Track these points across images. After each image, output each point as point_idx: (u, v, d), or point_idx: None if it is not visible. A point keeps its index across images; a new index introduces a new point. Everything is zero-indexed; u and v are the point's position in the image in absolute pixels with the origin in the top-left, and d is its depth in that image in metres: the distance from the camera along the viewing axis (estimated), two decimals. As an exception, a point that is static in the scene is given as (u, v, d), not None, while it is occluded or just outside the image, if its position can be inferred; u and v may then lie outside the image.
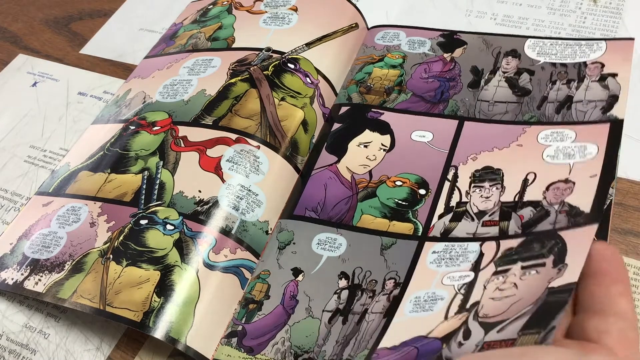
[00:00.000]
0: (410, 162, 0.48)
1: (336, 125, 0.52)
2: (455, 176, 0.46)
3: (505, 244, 0.40)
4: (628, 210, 0.45)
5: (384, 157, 0.49)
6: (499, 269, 0.38)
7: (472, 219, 0.43)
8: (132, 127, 0.52)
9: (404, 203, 0.45)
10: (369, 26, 0.59)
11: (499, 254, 0.39)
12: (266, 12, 0.59)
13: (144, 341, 0.43)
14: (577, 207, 0.40)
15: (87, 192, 0.48)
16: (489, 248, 0.40)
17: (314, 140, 0.51)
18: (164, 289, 0.41)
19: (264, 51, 0.55)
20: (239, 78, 0.53)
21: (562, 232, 0.38)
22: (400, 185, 0.46)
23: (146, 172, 0.48)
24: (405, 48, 0.56)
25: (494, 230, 0.41)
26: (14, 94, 0.62)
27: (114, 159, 0.50)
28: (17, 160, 0.56)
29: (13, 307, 0.46)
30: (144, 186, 0.47)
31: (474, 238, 0.42)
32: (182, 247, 0.43)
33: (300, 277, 0.43)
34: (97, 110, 0.58)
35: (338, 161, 0.49)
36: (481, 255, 0.40)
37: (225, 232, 0.44)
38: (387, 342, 0.38)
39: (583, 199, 0.40)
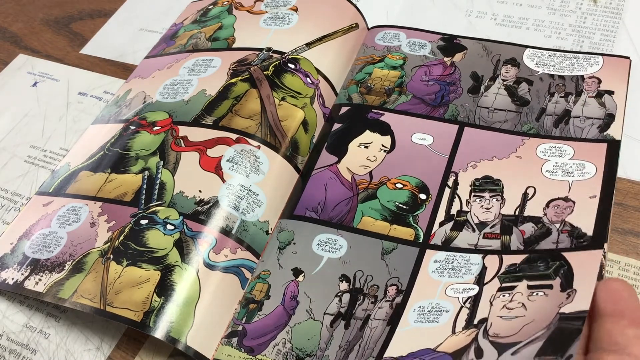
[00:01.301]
0: (411, 165, 0.48)
1: (336, 126, 0.52)
2: (456, 183, 0.46)
3: (508, 259, 0.40)
4: (628, 210, 0.45)
5: (384, 158, 0.49)
6: (504, 285, 0.39)
7: (473, 230, 0.43)
8: (133, 127, 0.52)
9: (404, 207, 0.46)
10: (369, 26, 0.59)
11: (503, 269, 0.40)
12: (266, 12, 0.59)
13: (144, 341, 0.43)
14: (579, 228, 0.41)
15: (88, 192, 0.49)
16: (492, 262, 0.41)
17: (314, 140, 0.51)
18: (164, 288, 0.41)
19: (264, 51, 0.55)
20: (239, 78, 0.53)
21: (566, 254, 0.39)
22: (401, 188, 0.47)
23: (146, 172, 0.48)
24: (406, 49, 0.56)
25: (495, 244, 0.42)
26: (14, 94, 0.62)
27: (114, 159, 0.50)
28: (18, 160, 0.56)
29: (13, 307, 0.46)
30: (144, 186, 0.47)
31: (475, 250, 0.42)
32: (183, 247, 0.43)
33: (300, 278, 0.43)
34: (97, 110, 0.58)
35: (338, 161, 0.49)
36: (484, 268, 0.40)
37: (226, 232, 0.44)
38: (392, 351, 0.38)
39: (584, 219, 0.41)
